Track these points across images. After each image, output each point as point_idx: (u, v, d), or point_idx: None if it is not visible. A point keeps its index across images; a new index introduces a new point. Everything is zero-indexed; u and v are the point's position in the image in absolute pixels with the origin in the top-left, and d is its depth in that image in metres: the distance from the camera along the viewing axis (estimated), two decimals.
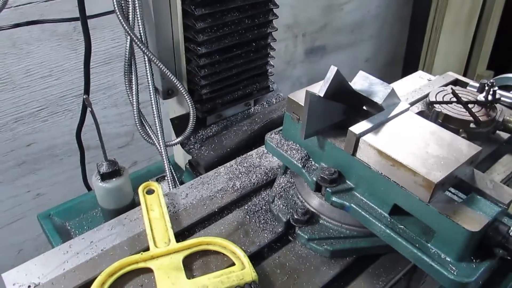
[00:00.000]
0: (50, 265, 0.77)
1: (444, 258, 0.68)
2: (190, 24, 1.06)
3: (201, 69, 1.13)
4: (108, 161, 1.00)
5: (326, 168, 0.80)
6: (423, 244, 0.70)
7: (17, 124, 1.71)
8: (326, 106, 0.78)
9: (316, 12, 2.57)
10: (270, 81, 1.31)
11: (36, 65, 1.65)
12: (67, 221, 1.16)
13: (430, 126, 0.79)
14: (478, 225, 0.65)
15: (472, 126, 1.01)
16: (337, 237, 0.83)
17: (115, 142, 2.04)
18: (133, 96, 1.09)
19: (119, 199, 1.03)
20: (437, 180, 0.66)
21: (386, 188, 0.73)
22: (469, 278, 0.65)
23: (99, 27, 1.73)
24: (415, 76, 1.38)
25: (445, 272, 0.66)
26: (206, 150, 1.16)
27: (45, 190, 1.92)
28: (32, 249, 2.02)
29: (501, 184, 0.73)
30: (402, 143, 0.74)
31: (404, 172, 0.69)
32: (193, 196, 0.93)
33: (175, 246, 0.79)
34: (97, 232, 0.84)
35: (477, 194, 0.72)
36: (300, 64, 2.69)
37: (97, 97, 1.87)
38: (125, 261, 0.76)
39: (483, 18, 3.13)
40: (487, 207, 0.69)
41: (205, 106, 1.19)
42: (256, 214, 0.90)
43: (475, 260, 0.68)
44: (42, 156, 1.84)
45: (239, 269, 0.76)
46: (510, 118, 1.06)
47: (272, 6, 1.17)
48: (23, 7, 1.54)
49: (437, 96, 1.10)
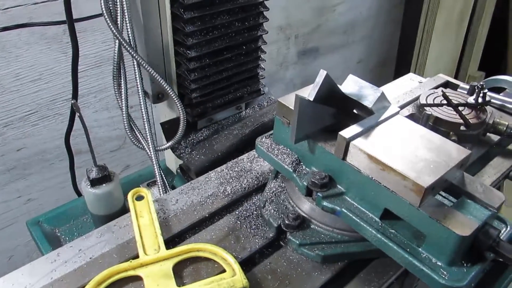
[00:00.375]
0: (37, 274, 0.76)
1: (435, 262, 0.68)
2: (180, 27, 1.05)
3: (191, 72, 1.12)
4: (97, 167, 0.99)
5: (317, 172, 0.80)
6: (414, 249, 0.70)
7: (6, 128, 1.69)
8: (316, 110, 0.78)
9: (309, 14, 2.57)
10: (261, 84, 1.31)
11: (25, 68, 1.64)
12: (56, 228, 1.14)
13: (420, 130, 0.79)
14: (468, 230, 0.64)
15: (462, 129, 1.01)
16: (328, 242, 0.83)
17: (107, 146, 2.02)
18: (122, 101, 1.08)
19: (110, 205, 1.02)
20: (427, 184, 0.65)
21: (377, 193, 0.73)
22: (460, 283, 0.65)
23: (89, 30, 1.72)
24: (406, 78, 1.38)
25: (436, 276, 0.66)
26: (197, 155, 1.15)
27: (36, 195, 1.90)
28: (23, 255, 1.99)
29: (491, 187, 0.73)
30: (392, 147, 0.74)
31: (394, 177, 0.69)
32: (184, 202, 0.92)
33: (165, 253, 0.78)
34: (85, 240, 0.83)
35: (467, 197, 0.71)
36: (293, 66, 2.69)
37: (88, 101, 1.86)
38: (114, 269, 0.75)
39: (475, 19, 3.15)
40: (477, 211, 0.69)
41: (195, 110, 1.19)
42: (247, 220, 0.89)
43: (466, 264, 0.67)
44: (33, 161, 1.82)
45: (230, 275, 0.75)
46: (500, 120, 1.06)
47: (263, 9, 1.16)
48: (12, 10, 1.52)
49: (427, 99, 1.10)
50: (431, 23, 2.96)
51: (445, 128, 1.01)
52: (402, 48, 3.25)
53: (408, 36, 3.12)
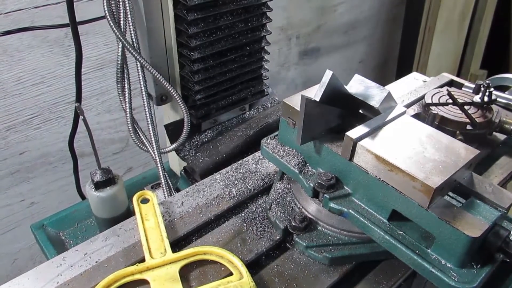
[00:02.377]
0: (43, 278, 0.75)
1: (444, 264, 0.67)
2: (183, 29, 1.05)
3: (194, 74, 1.11)
4: (102, 170, 0.98)
5: (323, 173, 0.79)
6: (423, 250, 0.69)
7: (9, 132, 1.68)
8: (322, 110, 0.77)
9: (310, 14, 2.57)
10: (264, 85, 1.30)
11: (27, 72, 1.63)
12: (61, 231, 1.14)
13: (427, 130, 0.78)
14: (478, 231, 0.64)
15: (469, 128, 1.00)
16: (336, 244, 0.82)
17: (110, 149, 2.02)
18: (126, 103, 1.08)
19: (114, 207, 1.01)
20: (436, 185, 0.65)
21: (385, 194, 0.72)
22: (470, 284, 0.64)
23: (91, 33, 1.72)
24: (410, 78, 1.37)
25: (446, 278, 0.65)
26: (202, 157, 1.14)
27: (39, 199, 1.90)
28: (27, 258, 1.99)
29: (500, 187, 0.72)
30: (399, 147, 0.73)
31: (402, 177, 0.68)
32: (189, 204, 0.92)
33: (171, 257, 0.78)
34: (91, 244, 0.82)
35: (476, 198, 0.71)
36: (295, 66, 2.69)
37: (90, 103, 1.85)
38: (120, 273, 0.74)
39: (476, 18, 3.14)
40: (486, 212, 0.68)
41: (199, 111, 1.18)
42: (253, 222, 0.89)
43: (475, 266, 0.67)
44: (36, 164, 1.81)
45: (237, 278, 0.75)
46: (506, 119, 1.05)
47: (266, 9, 1.16)
48: (13, 14, 1.52)
49: (433, 98, 1.09)
50: (433, 21, 2.95)
51: (451, 128, 1.00)
52: (403, 47, 3.24)
53: (409, 35, 3.12)
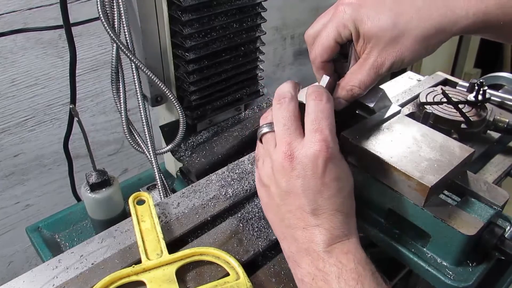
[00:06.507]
0: (38, 281, 0.75)
1: (440, 262, 0.68)
2: (177, 29, 1.05)
3: (189, 75, 1.11)
4: (97, 171, 0.98)
5: None
6: (419, 249, 0.70)
7: (3, 134, 1.68)
8: None
9: (304, 14, 2.57)
10: (260, 85, 1.30)
11: (21, 74, 1.62)
12: (56, 234, 1.13)
13: (422, 129, 0.78)
14: (474, 229, 0.64)
15: (463, 127, 1.01)
16: None
17: (105, 150, 2.01)
18: (121, 105, 1.07)
19: (110, 209, 1.01)
20: (431, 183, 0.65)
21: (380, 193, 0.72)
22: (466, 283, 0.65)
23: (85, 34, 1.71)
24: (405, 77, 1.38)
25: (442, 277, 0.65)
26: (197, 157, 1.14)
27: (34, 201, 1.89)
28: (23, 261, 1.98)
29: (494, 185, 0.73)
30: (395, 146, 0.73)
31: (398, 176, 0.69)
32: (185, 205, 0.91)
33: (167, 258, 0.77)
34: (87, 245, 0.82)
35: (471, 196, 0.71)
36: (290, 66, 2.69)
37: (85, 105, 1.85)
38: (116, 274, 0.74)
39: None
40: (482, 210, 0.68)
41: (195, 112, 1.18)
42: (250, 222, 0.89)
43: (471, 264, 0.67)
44: (30, 167, 1.81)
45: (234, 279, 0.75)
46: (500, 117, 1.06)
47: (260, 10, 1.16)
48: (6, 16, 1.51)
49: (427, 97, 1.10)
50: None
51: (446, 127, 1.01)
52: None
53: None
